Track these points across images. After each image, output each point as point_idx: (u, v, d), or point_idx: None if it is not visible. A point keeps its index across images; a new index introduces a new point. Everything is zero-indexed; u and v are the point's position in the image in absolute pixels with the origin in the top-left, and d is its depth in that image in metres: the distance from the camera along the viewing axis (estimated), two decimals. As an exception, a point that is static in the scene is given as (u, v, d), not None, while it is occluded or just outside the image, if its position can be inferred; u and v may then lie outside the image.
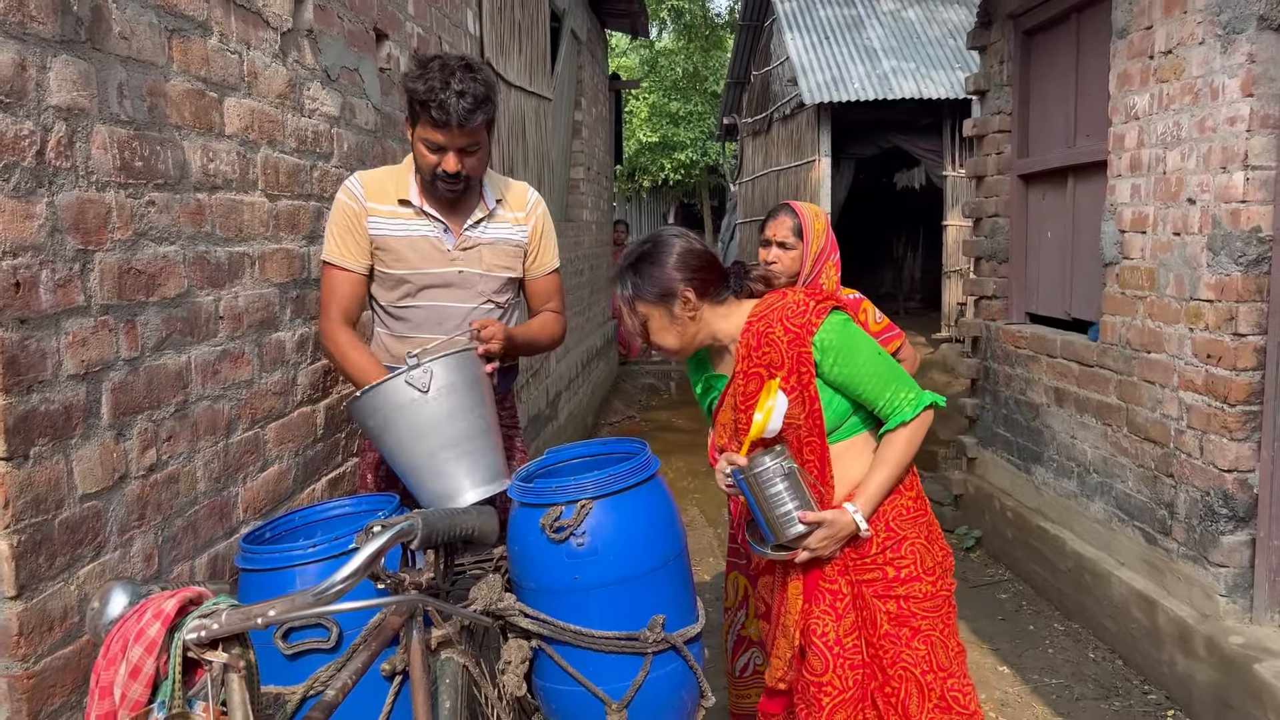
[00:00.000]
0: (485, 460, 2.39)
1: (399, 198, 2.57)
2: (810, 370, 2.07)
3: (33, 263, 1.63)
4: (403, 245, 2.56)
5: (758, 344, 2.12)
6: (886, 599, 2.13)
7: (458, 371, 2.35)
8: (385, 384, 2.30)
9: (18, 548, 1.59)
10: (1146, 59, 3.78)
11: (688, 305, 2.13)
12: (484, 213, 2.63)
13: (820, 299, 2.13)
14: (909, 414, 2.10)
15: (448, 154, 2.44)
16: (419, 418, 2.31)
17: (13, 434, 1.58)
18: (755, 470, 2.06)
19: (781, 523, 2.08)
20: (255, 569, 2.13)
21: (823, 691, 2.12)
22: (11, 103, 1.58)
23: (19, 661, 1.60)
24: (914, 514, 2.17)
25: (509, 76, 5.43)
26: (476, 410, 2.39)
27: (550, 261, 2.80)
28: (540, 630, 2.14)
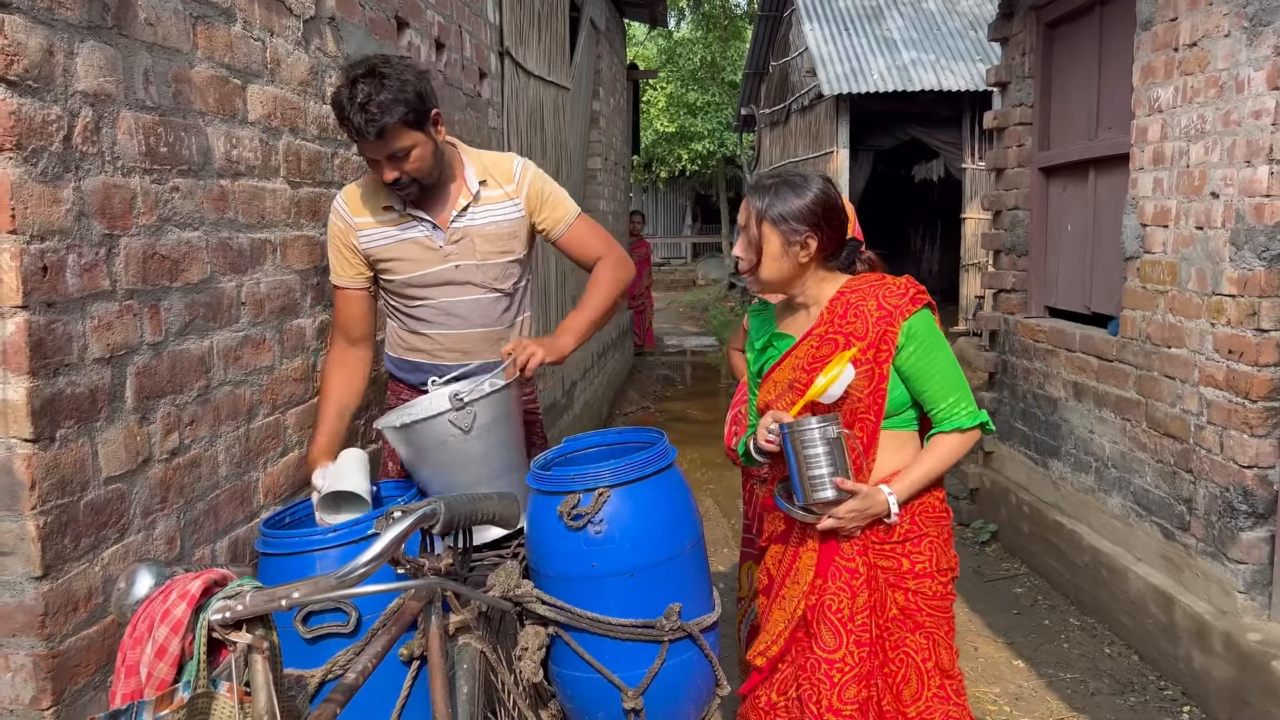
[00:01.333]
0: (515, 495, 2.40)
1: (383, 204, 2.55)
2: (890, 350, 2.09)
3: (60, 247, 1.65)
4: (395, 252, 2.55)
5: (844, 313, 2.13)
6: (897, 588, 2.14)
7: (499, 407, 2.35)
8: (427, 423, 2.30)
9: (44, 529, 1.61)
10: (1171, 51, 3.74)
11: (805, 249, 2.12)
12: (468, 198, 2.57)
13: (920, 290, 2.15)
14: (966, 423, 2.12)
15: (379, 165, 2.42)
16: (456, 454, 2.32)
17: (39, 416, 1.60)
18: (801, 427, 2.05)
19: (814, 484, 2.06)
20: (275, 553, 2.15)
21: (834, 668, 2.11)
22: (39, 88, 1.60)
23: (44, 641, 1.62)
24: (937, 515, 2.18)
25: (528, 65, 5.43)
26: (511, 444, 2.40)
27: (564, 214, 2.69)
28: (557, 617, 2.16)
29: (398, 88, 2.32)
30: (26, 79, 1.57)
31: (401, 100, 2.32)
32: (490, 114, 4.62)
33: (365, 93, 2.30)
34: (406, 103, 2.33)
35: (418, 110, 2.37)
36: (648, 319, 12.75)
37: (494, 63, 4.73)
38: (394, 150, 2.37)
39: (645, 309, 12.60)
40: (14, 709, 1.64)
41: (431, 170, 2.48)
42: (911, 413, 2.17)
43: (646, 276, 12.49)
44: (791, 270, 2.15)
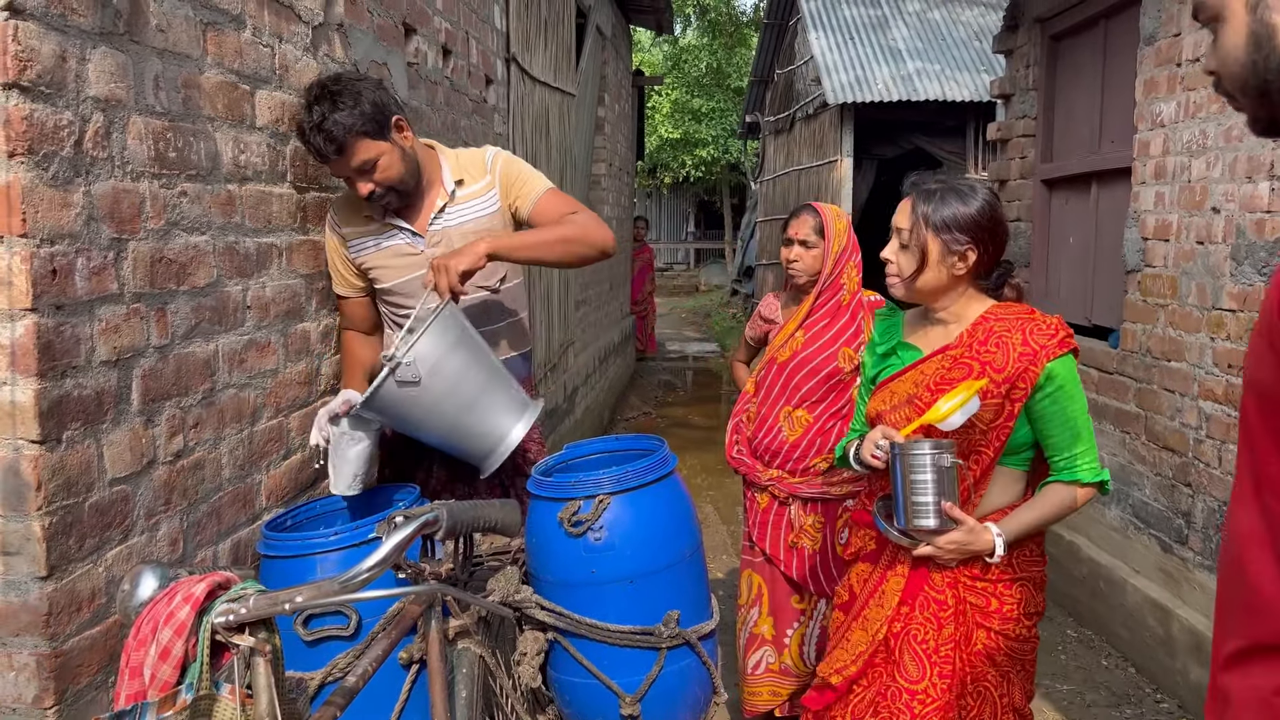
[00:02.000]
0: (508, 399, 2.36)
1: (364, 214, 2.58)
2: (1026, 389, 2.00)
3: (69, 250, 1.67)
4: (381, 260, 2.59)
5: (986, 339, 2.04)
6: (982, 626, 2.06)
7: (440, 341, 2.28)
8: (378, 391, 2.26)
9: (49, 529, 1.63)
10: (1174, 66, 3.76)
11: (963, 262, 2.05)
12: (445, 199, 2.59)
13: (1069, 334, 2.06)
14: (1086, 477, 2.04)
15: (352, 181, 2.45)
16: (426, 402, 2.28)
17: (46, 418, 1.62)
18: (913, 450, 1.95)
19: (917, 510, 1.97)
20: (277, 555, 2.17)
21: (915, 699, 2.04)
22: (52, 93, 1.62)
23: (48, 640, 1.64)
24: (1033, 559, 2.12)
25: (534, 72, 5.46)
26: (476, 361, 2.33)
27: (531, 191, 2.63)
28: (556, 623, 2.17)
29: (351, 103, 2.36)
30: (39, 84, 1.58)
31: (357, 115, 2.36)
32: (496, 120, 4.64)
33: (320, 114, 2.35)
34: (363, 115, 2.37)
35: (376, 120, 2.40)
36: (650, 324, 12.77)
37: (500, 69, 4.75)
38: (360, 164, 2.41)
39: (648, 314, 12.62)
40: (16, 708, 1.65)
41: (404, 177, 2.49)
42: (1030, 454, 2.09)
43: (649, 282, 12.52)
44: (944, 281, 2.07)
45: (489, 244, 2.39)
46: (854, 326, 3.07)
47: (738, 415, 3.30)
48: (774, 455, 3.12)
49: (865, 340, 3.05)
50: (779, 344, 3.15)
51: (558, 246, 2.51)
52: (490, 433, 2.31)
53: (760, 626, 3.19)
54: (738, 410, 3.30)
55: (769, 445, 3.13)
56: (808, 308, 3.10)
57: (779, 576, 3.14)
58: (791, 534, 3.10)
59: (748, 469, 3.19)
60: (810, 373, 3.05)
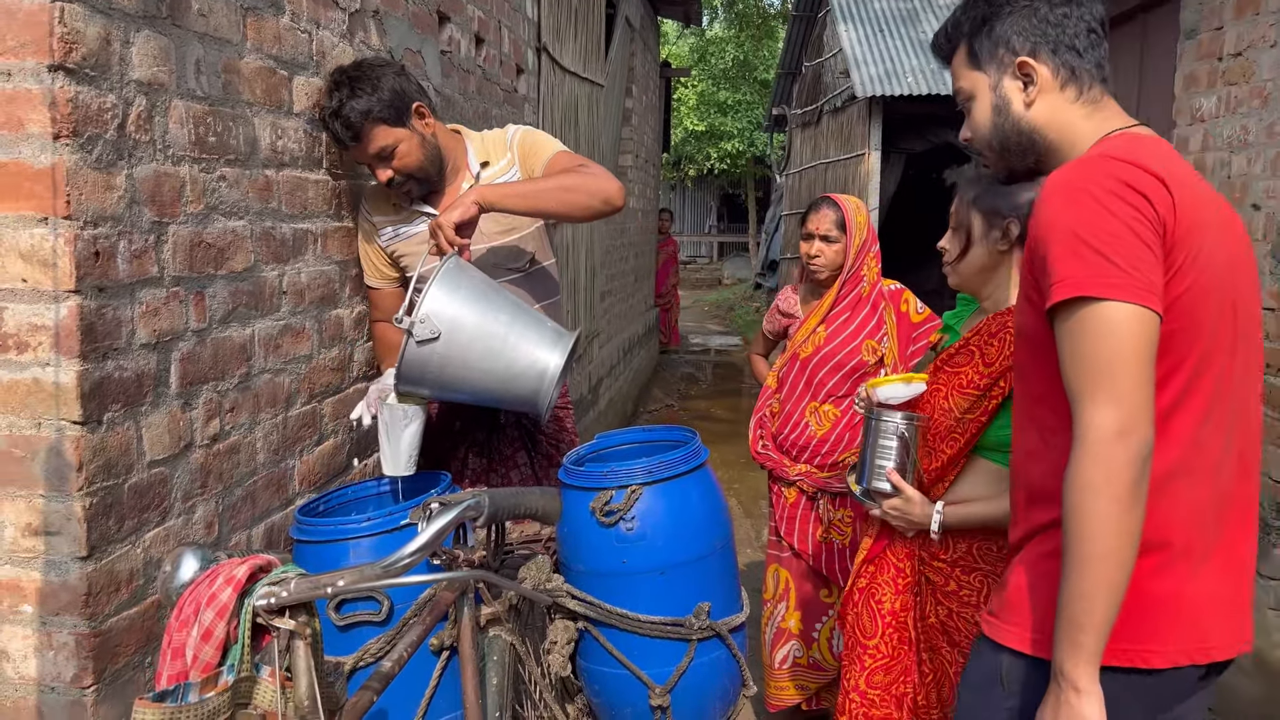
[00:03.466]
0: (539, 332, 2.30)
1: (392, 202, 2.58)
2: (1003, 391, 2.00)
3: (112, 233, 1.68)
4: (410, 247, 2.58)
5: (996, 331, 2.06)
6: (939, 603, 2.11)
7: (451, 293, 2.23)
8: (404, 359, 2.23)
9: (90, 510, 1.64)
10: (1215, 61, 3.70)
11: (1004, 238, 2.06)
12: (471, 182, 2.57)
13: None
14: None
15: (372, 168, 2.45)
16: (455, 357, 2.23)
17: (88, 399, 1.63)
18: (880, 417, 2.08)
19: (874, 472, 2.10)
20: (310, 540, 2.17)
21: (866, 653, 2.17)
22: (96, 75, 1.62)
23: (87, 620, 1.65)
24: (1003, 559, 2.07)
25: (564, 62, 5.45)
26: (495, 305, 2.29)
27: (544, 154, 2.56)
28: (587, 612, 2.17)
29: (369, 90, 2.35)
30: (84, 67, 1.59)
31: (375, 101, 2.35)
32: (526, 109, 4.63)
33: (338, 100, 2.35)
34: (381, 101, 2.36)
35: (394, 107, 2.38)
36: (674, 317, 12.76)
37: (531, 59, 4.75)
38: (378, 151, 2.40)
39: (671, 307, 12.60)
40: (55, 686, 1.66)
41: (423, 165, 2.48)
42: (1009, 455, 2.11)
43: (673, 275, 12.49)
44: (987, 259, 2.08)
45: (478, 192, 2.33)
46: (875, 318, 3.05)
47: (760, 410, 3.28)
48: (802, 450, 3.10)
49: (888, 331, 3.02)
50: (801, 339, 3.13)
51: (556, 194, 2.39)
52: (530, 368, 2.24)
53: (788, 621, 3.18)
54: (760, 406, 3.29)
55: (796, 440, 3.11)
56: (829, 303, 3.08)
57: (806, 571, 3.13)
58: (821, 529, 3.08)
59: (774, 464, 3.17)
60: (834, 368, 3.03)
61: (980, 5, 1.52)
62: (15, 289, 1.60)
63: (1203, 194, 1.39)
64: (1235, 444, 1.39)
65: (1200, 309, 1.32)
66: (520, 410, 2.42)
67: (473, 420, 2.68)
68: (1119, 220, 1.29)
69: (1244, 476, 1.40)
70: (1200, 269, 1.32)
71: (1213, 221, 1.37)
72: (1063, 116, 1.47)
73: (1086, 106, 1.47)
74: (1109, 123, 1.46)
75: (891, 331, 3.05)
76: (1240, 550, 1.41)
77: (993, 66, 1.51)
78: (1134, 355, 1.25)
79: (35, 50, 1.54)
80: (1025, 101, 1.49)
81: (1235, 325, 1.38)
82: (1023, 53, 1.48)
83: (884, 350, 3.02)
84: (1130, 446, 1.24)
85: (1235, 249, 1.41)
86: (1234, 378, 1.38)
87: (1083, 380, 1.28)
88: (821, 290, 3.16)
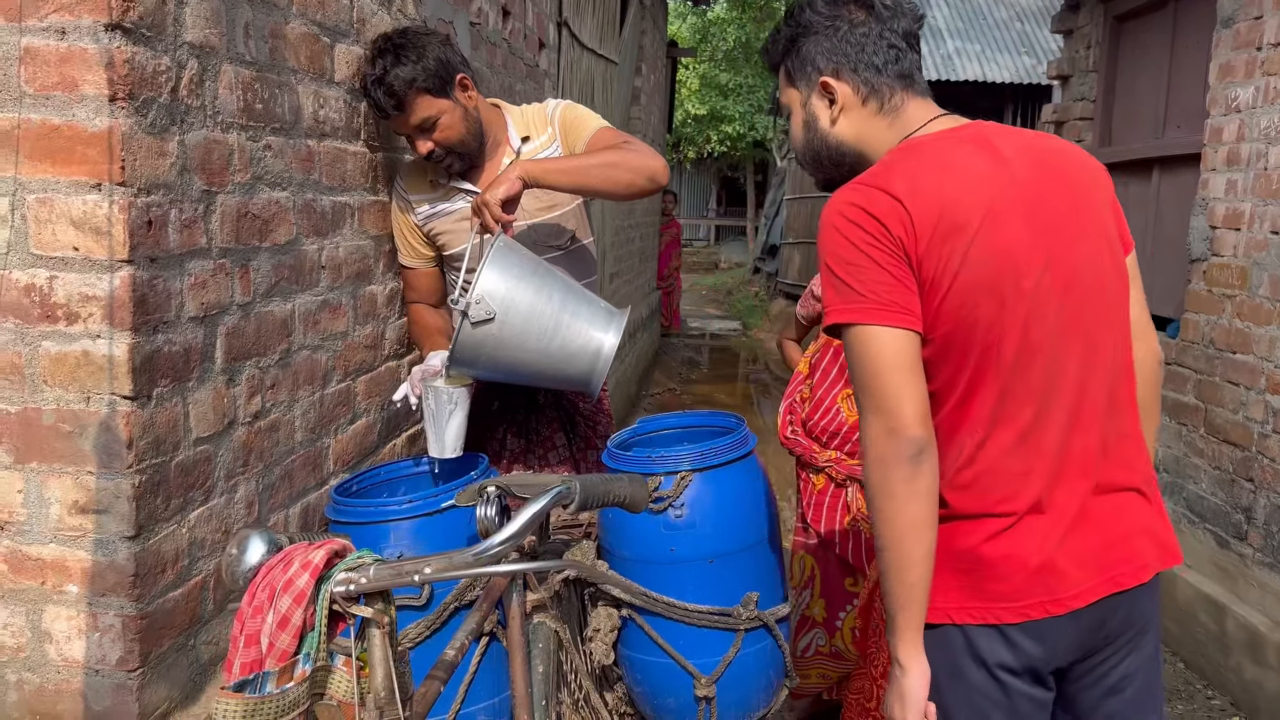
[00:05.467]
0: (592, 310, 2.26)
1: (429, 179, 2.51)
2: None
3: (164, 201, 1.61)
4: (447, 225, 2.51)
5: None
6: None
7: (504, 271, 2.18)
8: (460, 341, 2.18)
9: (139, 488, 1.58)
10: (1254, 50, 3.65)
11: None
12: (511, 157, 2.49)
13: None
14: None
15: (411, 140, 2.38)
16: (510, 338, 2.18)
17: (139, 374, 1.57)
18: None
19: None
20: (348, 522, 2.11)
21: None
22: (152, 36, 1.56)
23: (133, 602, 1.60)
24: None
25: (583, 38, 5.37)
26: (547, 283, 2.23)
27: (586, 130, 2.50)
28: (633, 600, 2.12)
29: (415, 58, 2.28)
30: (141, 26, 1.52)
31: (419, 70, 2.28)
32: (546, 85, 4.56)
33: (382, 67, 2.27)
34: (425, 71, 2.29)
35: (439, 77, 2.31)
36: (675, 300, 12.69)
37: (552, 33, 4.67)
38: (420, 122, 2.33)
39: (674, 290, 12.54)
40: (100, 669, 1.61)
41: (465, 138, 2.40)
42: None
43: (676, 257, 12.42)
44: None
45: (522, 168, 2.26)
46: None
47: (790, 396, 3.23)
48: (832, 437, 3.06)
49: None
50: None
51: (601, 170, 2.32)
52: (585, 347, 2.21)
53: (812, 609, 3.14)
54: (790, 391, 3.24)
55: (826, 427, 3.07)
56: None
57: (833, 559, 3.09)
58: (848, 516, 3.04)
59: (804, 450, 3.12)
60: None
61: (791, 25, 1.58)
62: (67, 258, 1.53)
63: (969, 186, 1.40)
64: (1057, 405, 1.42)
65: (975, 302, 1.37)
66: (572, 390, 2.36)
67: (511, 400, 2.62)
68: (855, 248, 1.37)
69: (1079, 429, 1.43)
70: (969, 266, 1.37)
71: (981, 212, 1.38)
72: (866, 129, 1.54)
73: (888, 117, 1.53)
74: (907, 128, 1.52)
75: None
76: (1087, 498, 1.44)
77: (803, 84, 1.57)
78: (889, 368, 1.35)
79: (91, 7, 1.47)
80: (830, 118, 1.55)
81: (1042, 290, 1.40)
82: (826, 73, 1.53)
83: None
84: (899, 448, 1.33)
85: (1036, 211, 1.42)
86: (1044, 344, 1.40)
87: (858, 394, 1.39)
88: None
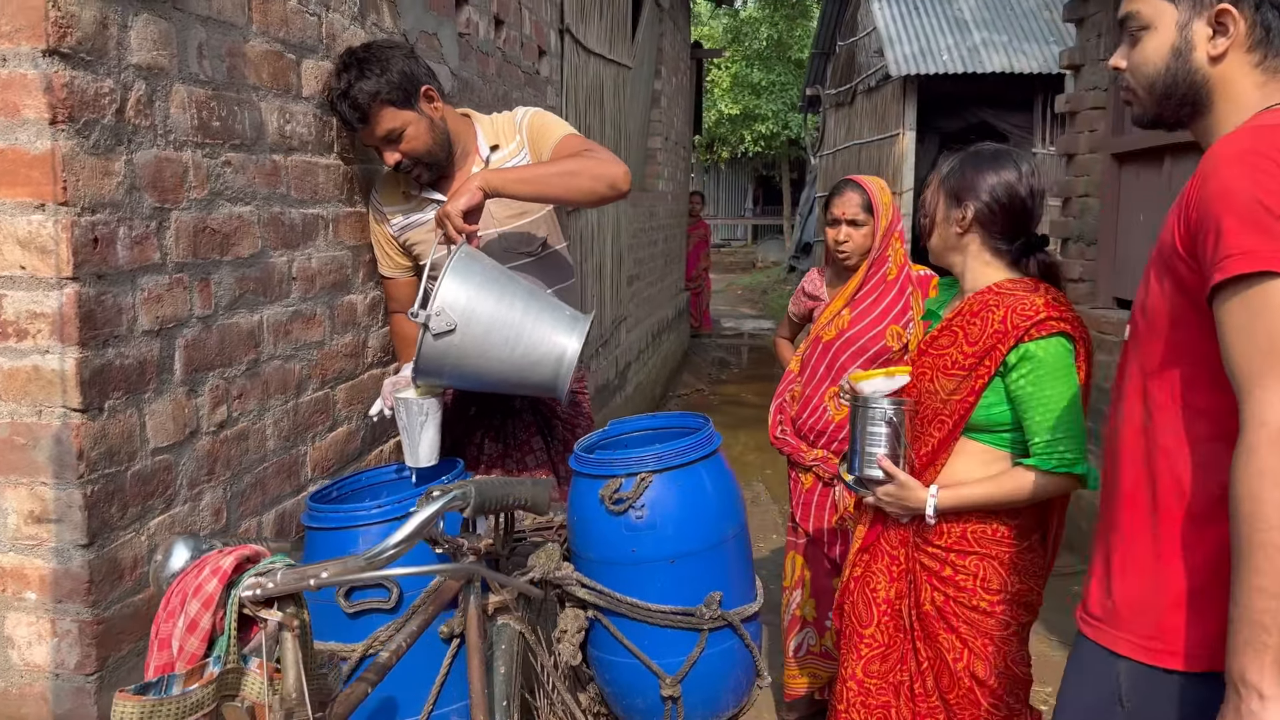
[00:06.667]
0: (555, 317, 2.28)
1: (402, 190, 2.55)
2: (992, 366, 1.98)
3: (110, 219, 1.67)
4: (420, 235, 2.55)
5: (978, 310, 2.03)
6: (935, 589, 2.09)
7: (463, 282, 2.20)
8: (421, 353, 2.21)
9: (91, 497, 1.63)
10: (1256, 34, 3.58)
11: (961, 218, 2.06)
12: (480, 166, 2.53)
13: (1059, 316, 1.98)
14: (1045, 464, 1.96)
15: (380, 151, 2.42)
16: (472, 348, 2.21)
17: (89, 386, 1.62)
18: (867, 404, 2.07)
19: (865, 460, 2.08)
20: (320, 527, 2.16)
21: (863, 641, 2.17)
22: (92, 60, 1.61)
23: (89, 607, 1.65)
24: (999, 540, 2.06)
25: (588, 43, 5.40)
26: (509, 291, 2.25)
27: (552, 138, 2.52)
28: (597, 601, 2.14)
29: (378, 71, 2.33)
30: (79, 51, 1.57)
31: (383, 83, 2.33)
32: (549, 92, 4.60)
33: (346, 81, 2.32)
34: (389, 84, 2.33)
35: (402, 89, 2.36)
36: (705, 301, 12.69)
37: (554, 40, 4.70)
38: (386, 133, 2.38)
39: (702, 291, 12.53)
40: (59, 673, 1.67)
41: (431, 148, 2.45)
42: (1010, 435, 2.04)
43: (704, 258, 12.42)
44: (949, 242, 2.10)
45: (482, 178, 2.30)
46: (901, 303, 2.98)
47: (781, 395, 3.23)
48: (819, 435, 3.06)
49: (914, 317, 2.96)
50: (824, 322, 3.07)
51: (560, 179, 2.35)
52: (549, 354, 2.23)
53: (803, 608, 3.14)
54: (781, 390, 3.24)
55: (814, 425, 3.07)
56: (855, 285, 3.01)
57: (822, 558, 3.09)
58: (836, 515, 3.04)
59: (792, 449, 3.13)
60: (857, 352, 2.97)
61: None
62: (14, 276, 1.59)
63: None
64: None
65: None
66: (540, 395, 2.40)
67: (488, 405, 2.66)
68: None
69: None
70: None
71: None
72: (1237, 76, 1.36)
73: (1264, 74, 1.36)
74: (1272, 97, 1.36)
75: (918, 318, 2.99)
76: None
77: (1188, 2, 1.38)
78: None
79: (30, 35, 1.53)
80: (1211, 53, 1.37)
81: None
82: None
83: (909, 337, 2.96)
84: None
85: None
86: None
87: (1258, 362, 1.19)
88: (848, 273, 3.10)
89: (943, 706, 2.07)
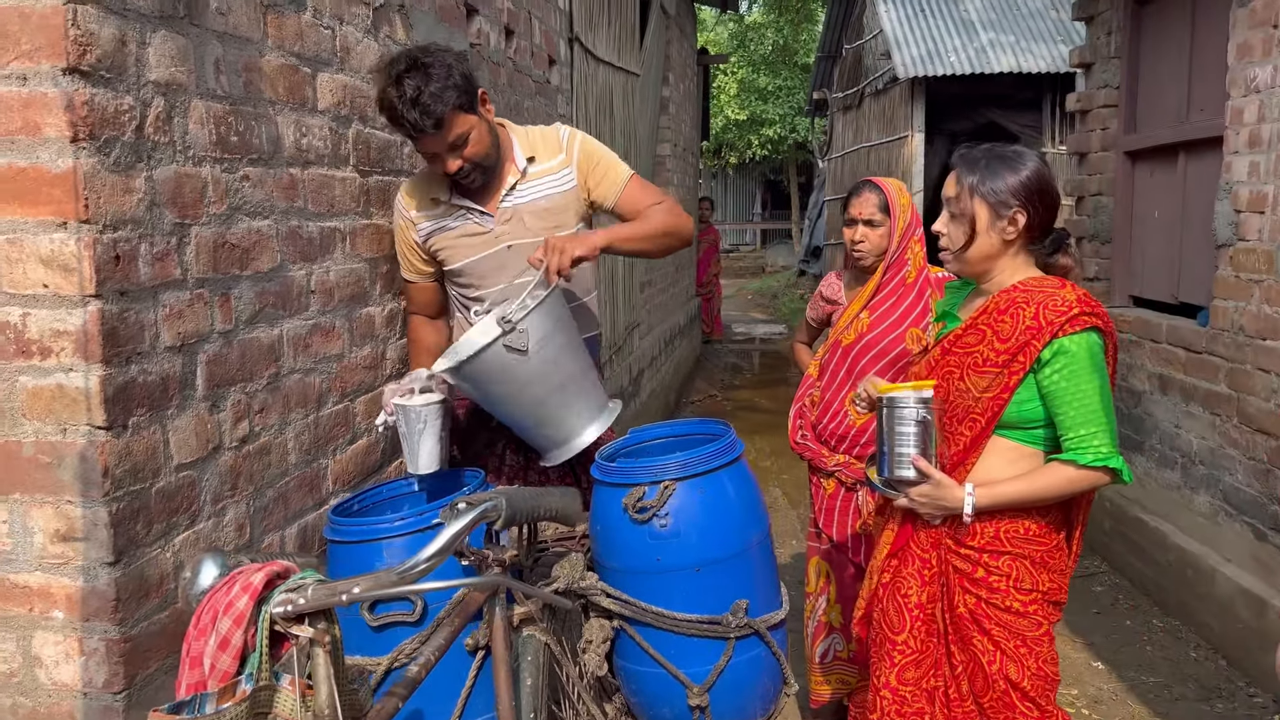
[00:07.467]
0: (593, 393, 2.33)
1: (431, 197, 2.54)
2: (1026, 363, 1.97)
3: (132, 236, 1.67)
4: (450, 240, 2.54)
5: (1006, 308, 2.02)
6: (968, 591, 2.07)
7: (550, 318, 2.24)
8: (484, 352, 2.20)
9: (116, 515, 1.63)
10: (1270, 28, 3.55)
11: (1012, 226, 2.02)
12: (516, 176, 2.53)
13: (1091, 311, 1.99)
14: (1083, 459, 1.95)
15: (440, 158, 2.38)
16: (520, 376, 2.22)
17: (112, 404, 1.62)
18: (897, 403, 2.02)
19: (895, 461, 2.04)
20: (343, 540, 2.16)
21: (896, 649, 2.13)
22: (112, 78, 1.61)
23: (116, 625, 1.65)
24: (1031, 538, 2.05)
25: (597, 52, 5.40)
26: (572, 349, 2.30)
27: (617, 178, 2.60)
28: (622, 611, 2.13)
29: (444, 75, 2.28)
30: (99, 69, 1.58)
31: (451, 86, 2.29)
32: (559, 100, 4.60)
33: (414, 86, 2.25)
34: (456, 87, 2.30)
35: (467, 93, 2.34)
36: (716, 307, 12.67)
37: (563, 49, 4.71)
38: (453, 139, 2.34)
39: (713, 296, 12.52)
40: (87, 692, 1.66)
41: (489, 151, 2.44)
42: (1042, 432, 2.03)
43: (715, 264, 12.41)
44: (995, 248, 2.05)
45: (605, 236, 2.41)
46: (920, 305, 2.96)
47: (800, 400, 3.21)
48: (840, 440, 3.03)
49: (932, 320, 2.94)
50: (843, 326, 3.05)
51: (660, 240, 2.56)
52: (564, 424, 2.28)
53: (828, 614, 3.11)
54: (800, 395, 3.22)
55: (835, 430, 3.04)
56: (873, 288, 3.00)
57: (846, 563, 3.06)
58: (859, 520, 3.01)
59: (813, 454, 3.10)
60: (877, 355, 2.95)
61: None
62: (37, 295, 1.59)
63: None
64: None
65: None
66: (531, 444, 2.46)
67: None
68: None
69: None
70: None
71: None
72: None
73: None
74: None
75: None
76: None
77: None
78: None
79: (50, 53, 1.53)
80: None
81: None
82: None
83: (929, 340, 2.94)
84: None
85: None
86: None
87: None
88: (866, 276, 3.08)
89: (978, 711, 2.05)
